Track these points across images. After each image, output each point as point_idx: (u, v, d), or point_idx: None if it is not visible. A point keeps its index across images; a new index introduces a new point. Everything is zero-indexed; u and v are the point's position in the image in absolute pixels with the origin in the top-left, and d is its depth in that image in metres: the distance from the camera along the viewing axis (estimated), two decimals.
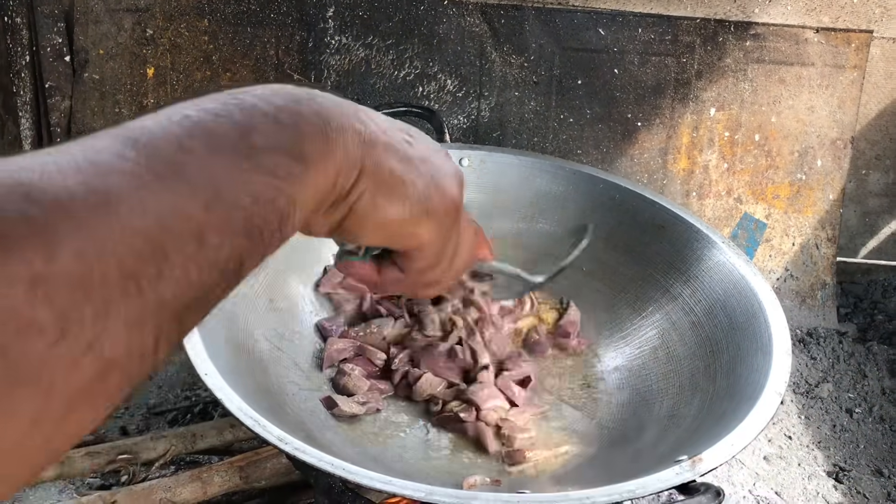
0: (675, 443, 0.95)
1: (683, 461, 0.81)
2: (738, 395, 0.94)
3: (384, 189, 0.49)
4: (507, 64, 1.55)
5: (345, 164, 0.45)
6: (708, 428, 0.92)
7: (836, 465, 1.37)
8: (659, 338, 1.15)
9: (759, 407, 0.88)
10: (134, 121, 0.39)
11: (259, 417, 0.81)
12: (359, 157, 0.46)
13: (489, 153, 1.31)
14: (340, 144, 0.44)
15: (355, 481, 0.75)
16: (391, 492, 0.74)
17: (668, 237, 1.21)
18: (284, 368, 1.05)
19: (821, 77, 1.60)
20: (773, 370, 0.93)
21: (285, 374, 1.04)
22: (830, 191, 1.66)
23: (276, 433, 0.79)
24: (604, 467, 0.98)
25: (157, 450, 1.15)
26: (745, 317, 1.05)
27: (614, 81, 1.57)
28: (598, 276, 1.25)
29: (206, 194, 0.36)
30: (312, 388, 1.06)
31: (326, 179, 0.44)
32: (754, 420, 0.87)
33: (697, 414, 0.99)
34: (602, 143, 1.59)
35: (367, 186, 0.47)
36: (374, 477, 0.75)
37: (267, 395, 0.96)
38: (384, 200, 0.49)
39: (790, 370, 0.94)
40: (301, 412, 0.99)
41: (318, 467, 0.76)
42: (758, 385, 0.92)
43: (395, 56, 1.52)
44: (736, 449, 0.83)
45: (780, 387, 0.91)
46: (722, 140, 1.61)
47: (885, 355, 1.62)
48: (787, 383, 0.92)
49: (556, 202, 1.30)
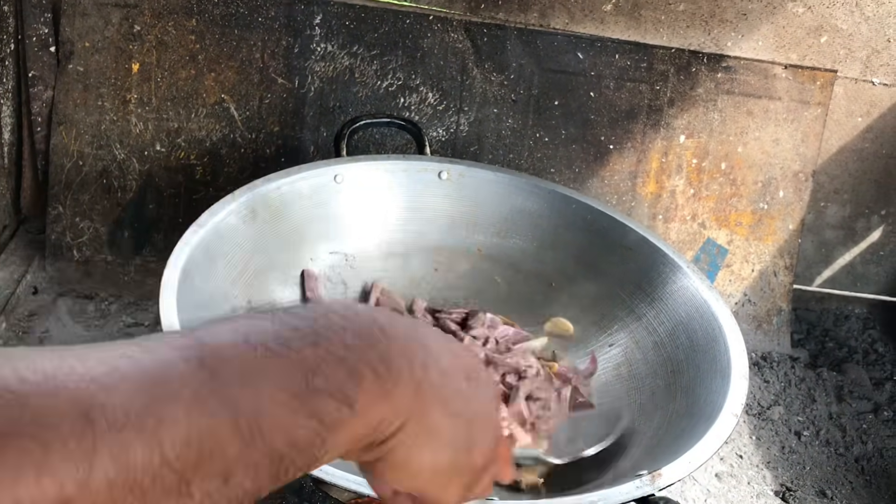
0: (635, 458, 0.99)
1: (644, 475, 0.85)
2: (697, 414, 0.99)
3: (423, 439, 0.44)
4: (487, 81, 1.59)
5: (391, 413, 0.42)
6: (667, 445, 0.97)
7: (784, 485, 1.43)
8: (622, 355, 1.20)
9: (717, 427, 0.93)
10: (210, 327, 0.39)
11: None
12: (408, 408, 0.43)
13: (468, 167, 1.35)
14: (394, 394, 0.42)
15: (331, 482, 0.78)
16: (366, 494, 0.77)
17: (635, 259, 1.26)
18: None
19: (787, 111, 1.67)
20: (731, 392, 0.98)
21: None
22: (790, 221, 1.72)
23: None
24: (569, 478, 1.02)
25: None
26: (705, 340, 1.10)
27: (590, 104, 1.62)
28: (567, 292, 1.30)
29: (248, 431, 0.36)
30: None
31: (367, 426, 0.41)
32: (711, 439, 0.92)
33: (657, 431, 1.04)
34: (575, 163, 1.64)
35: (409, 436, 0.43)
36: (350, 479, 0.78)
37: None
38: (420, 452, 0.45)
39: (746, 393, 0.99)
40: None
41: None
42: (715, 406, 0.97)
43: (378, 67, 1.56)
44: (693, 466, 0.88)
45: (737, 408, 0.96)
46: (690, 167, 1.67)
47: (833, 381, 1.69)
48: (743, 406, 0.97)
49: (530, 219, 1.34)
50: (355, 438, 0.41)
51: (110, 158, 1.54)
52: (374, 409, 0.41)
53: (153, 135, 1.53)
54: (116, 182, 1.55)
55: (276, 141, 1.56)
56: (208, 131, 1.54)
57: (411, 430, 0.43)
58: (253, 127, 1.55)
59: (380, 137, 1.59)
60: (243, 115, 1.54)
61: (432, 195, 1.34)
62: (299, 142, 1.56)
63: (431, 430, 0.45)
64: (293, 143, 1.56)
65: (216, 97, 1.53)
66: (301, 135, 1.56)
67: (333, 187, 1.28)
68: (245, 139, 1.55)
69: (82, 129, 1.52)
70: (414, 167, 1.33)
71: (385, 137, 1.59)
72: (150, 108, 1.53)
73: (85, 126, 1.52)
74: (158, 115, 1.53)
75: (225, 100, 1.53)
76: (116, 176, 1.54)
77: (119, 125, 1.53)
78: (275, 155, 1.55)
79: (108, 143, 1.53)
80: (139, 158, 1.54)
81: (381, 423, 0.42)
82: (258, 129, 1.55)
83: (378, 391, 0.41)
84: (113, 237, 1.56)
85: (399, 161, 1.33)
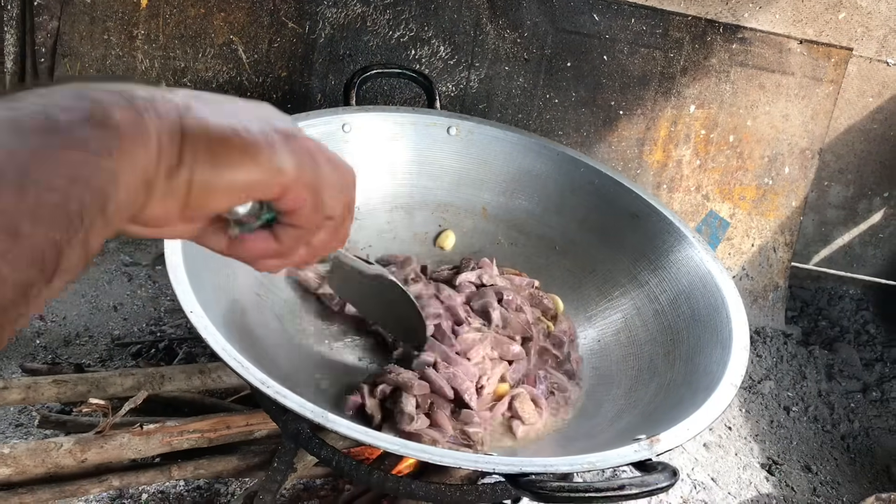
0: (631, 423, 1.00)
1: (642, 440, 0.86)
2: (696, 383, 0.99)
3: (217, 143, 0.45)
4: (500, 38, 1.57)
5: (163, 129, 0.43)
6: (664, 412, 0.97)
7: (770, 458, 1.45)
8: (622, 321, 1.20)
9: (716, 396, 0.93)
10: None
11: (242, 359, 0.83)
12: (177, 121, 0.44)
13: (477, 124, 1.33)
14: (153, 111, 0.42)
15: (336, 430, 0.78)
16: (371, 444, 0.77)
17: (641, 226, 1.25)
18: (263, 315, 1.07)
19: (799, 87, 1.66)
20: (731, 363, 0.98)
21: (265, 321, 1.06)
22: (794, 198, 1.72)
23: (258, 376, 0.81)
24: (560, 439, 1.03)
25: (124, 385, 1.16)
26: (707, 310, 1.10)
27: (602, 68, 1.61)
28: (570, 256, 1.30)
29: (14, 179, 0.34)
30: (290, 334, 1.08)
31: (147, 151, 0.42)
32: (710, 408, 0.92)
33: (654, 398, 1.04)
34: (583, 126, 1.63)
35: (199, 147, 0.45)
36: (354, 428, 0.78)
37: (247, 338, 0.98)
38: (222, 153, 0.46)
39: (746, 364, 1.00)
40: (279, 358, 1.01)
41: (299, 413, 0.78)
42: (715, 376, 0.97)
43: (391, 16, 1.53)
44: (691, 433, 0.88)
45: (737, 379, 0.96)
46: (698, 137, 1.66)
47: (824, 360, 1.70)
48: (742, 376, 0.98)
49: (536, 180, 1.33)
50: (140, 166, 0.41)
51: None
52: (139, 130, 0.41)
53: (159, 73, 1.51)
54: None
55: (284, 86, 1.54)
56: (215, 72, 1.52)
57: (197, 138, 0.44)
58: (260, 70, 1.52)
59: (388, 90, 1.57)
60: (251, 58, 1.51)
61: (440, 150, 1.33)
62: (307, 88, 1.54)
63: (215, 129, 0.45)
64: (300, 90, 1.54)
65: (224, 38, 1.51)
66: (309, 81, 1.54)
67: (341, 136, 1.26)
68: (252, 83, 1.53)
69: (87, 62, 1.49)
70: (423, 121, 1.32)
71: (394, 90, 1.57)
72: (157, 46, 1.50)
73: (90, 60, 1.49)
74: (165, 52, 1.50)
75: (233, 41, 1.51)
76: None
77: (124, 61, 1.50)
78: (281, 100, 1.53)
79: None
80: None
81: (159, 143, 0.42)
82: (266, 73, 1.53)
83: (132, 110, 0.41)
84: None
85: (408, 114, 1.31)
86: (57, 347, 1.33)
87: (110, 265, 1.50)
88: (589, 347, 1.19)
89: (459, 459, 0.78)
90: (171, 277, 0.90)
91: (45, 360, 1.30)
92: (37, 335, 1.35)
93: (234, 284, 1.04)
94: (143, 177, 0.42)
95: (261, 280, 1.10)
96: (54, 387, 1.12)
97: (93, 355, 1.33)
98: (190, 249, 0.93)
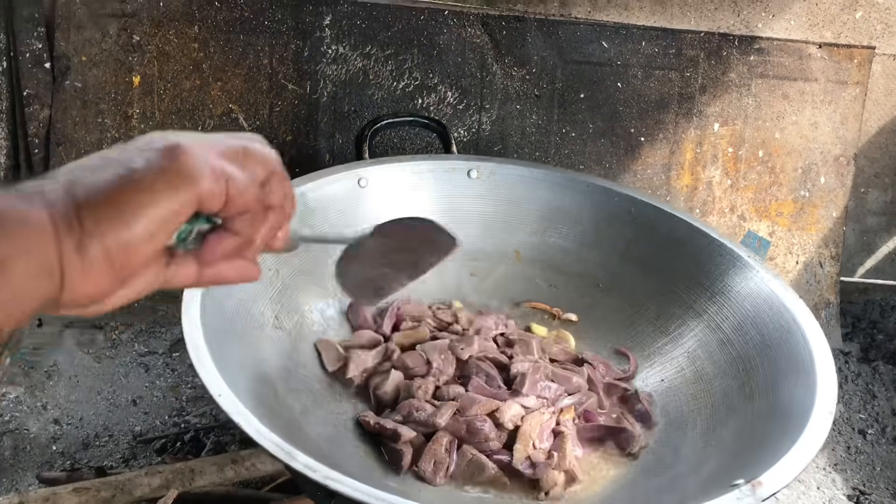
0: (718, 468, 0.89)
1: (741, 485, 0.75)
2: (784, 415, 0.89)
3: (112, 198, 0.45)
4: (508, 76, 1.51)
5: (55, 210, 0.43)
6: (754, 451, 0.87)
7: (856, 488, 1.33)
8: (685, 357, 1.10)
9: (812, 427, 0.83)
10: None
11: (282, 442, 0.73)
12: (66, 198, 0.44)
13: (499, 164, 1.26)
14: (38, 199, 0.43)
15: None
16: None
17: (689, 252, 1.16)
18: (295, 391, 0.97)
19: (824, 93, 1.58)
20: (819, 388, 0.88)
21: (298, 397, 0.96)
22: (833, 208, 1.63)
23: (302, 460, 0.71)
24: (642, 493, 0.92)
25: (152, 485, 1.06)
26: (778, 333, 1.00)
27: (617, 95, 1.54)
28: (616, 293, 1.20)
29: None
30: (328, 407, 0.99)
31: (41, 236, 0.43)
32: (808, 440, 0.82)
33: (737, 436, 0.94)
34: (605, 157, 1.55)
35: (98, 211, 0.45)
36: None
37: (279, 417, 0.88)
38: (121, 205, 0.45)
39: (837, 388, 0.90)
40: (318, 437, 0.91)
41: (353, 497, 0.68)
42: (804, 404, 0.87)
43: (394, 66, 1.47)
44: (795, 471, 0.78)
45: (831, 406, 0.87)
46: (726, 156, 1.58)
47: (890, 375, 1.59)
48: (835, 402, 0.88)
49: (569, 216, 1.25)
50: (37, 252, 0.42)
51: None
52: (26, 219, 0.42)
53: None
54: None
55: (290, 150, 1.47)
56: None
57: (91, 200, 0.44)
58: (264, 137, 1.45)
59: (398, 142, 1.50)
60: (253, 125, 1.45)
61: (462, 196, 1.25)
62: (314, 150, 1.47)
63: (103, 180, 0.45)
64: (308, 152, 1.47)
65: (223, 107, 1.44)
66: (315, 143, 1.47)
67: (358, 192, 1.18)
68: None
69: (83, 148, 1.43)
70: (441, 167, 1.24)
71: (405, 141, 1.50)
72: (154, 123, 1.44)
73: (85, 145, 1.43)
74: (163, 129, 1.43)
75: (233, 109, 1.44)
76: None
77: (122, 142, 1.43)
78: (289, 165, 1.44)
79: None
80: None
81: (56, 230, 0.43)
82: (270, 139, 1.44)
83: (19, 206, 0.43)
84: None
85: (426, 161, 1.24)
86: (75, 452, 1.24)
87: (125, 357, 1.41)
88: (653, 389, 1.09)
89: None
90: (192, 358, 0.81)
91: (63, 468, 1.20)
92: (53, 441, 1.25)
93: (260, 358, 0.95)
94: (42, 262, 0.42)
95: (289, 352, 1.01)
96: (75, 496, 1.02)
97: (115, 456, 1.23)
98: (211, 324, 0.85)
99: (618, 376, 1.10)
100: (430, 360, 1.04)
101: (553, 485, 0.92)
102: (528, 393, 1.00)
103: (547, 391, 1.02)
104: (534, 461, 0.93)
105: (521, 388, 1.01)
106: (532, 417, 0.97)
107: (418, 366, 1.04)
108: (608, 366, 1.11)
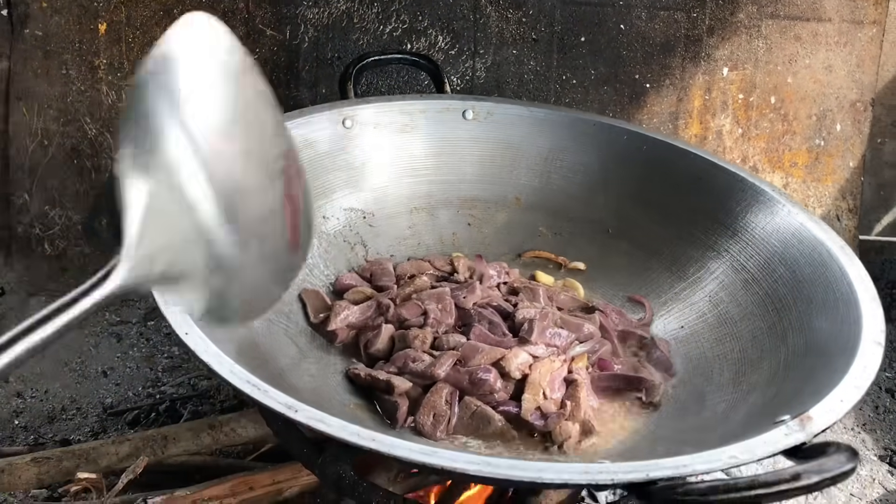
0: (755, 408, 0.80)
1: (788, 420, 0.66)
2: (827, 348, 0.79)
3: None
4: (503, 19, 1.40)
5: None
6: (796, 388, 0.77)
7: (887, 448, 1.23)
8: (707, 301, 1.00)
9: (861, 358, 0.74)
10: None
11: (258, 381, 0.63)
12: None
13: (497, 104, 1.16)
14: None
15: (392, 454, 0.58)
16: (439, 465, 0.57)
17: (706, 189, 1.06)
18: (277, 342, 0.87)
19: (838, 34, 1.49)
20: (866, 318, 0.79)
21: (280, 348, 0.86)
22: (850, 157, 1.54)
23: (282, 399, 0.61)
24: (666, 444, 0.82)
25: (119, 454, 0.95)
26: (812, 268, 0.91)
27: (620, 38, 1.44)
28: (627, 238, 1.11)
29: None
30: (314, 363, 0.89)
31: None
32: (857, 372, 0.72)
33: (772, 377, 0.84)
34: (608, 106, 1.45)
35: None
36: (414, 448, 0.59)
37: (264, 368, 0.78)
38: None
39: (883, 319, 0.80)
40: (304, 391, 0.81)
41: (347, 440, 0.58)
42: (850, 336, 0.78)
43: (379, 9, 1.37)
44: (847, 405, 0.69)
45: (879, 336, 0.77)
46: (736, 103, 1.48)
47: None
48: (883, 332, 0.78)
49: (575, 157, 1.15)
50: None
51: (80, 135, 1.34)
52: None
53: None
54: (89, 162, 1.35)
55: None
56: None
57: None
58: None
59: (386, 89, 1.40)
60: None
61: (458, 139, 1.15)
62: (295, 101, 1.37)
63: None
64: (288, 103, 1.36)
65: None
66: (297, 93, 1.37)
67: (343, 133, 1.08)
68: None
69: (45, 102, 1.32)
70: (434, 107, 1.14)
71: (392, 88, 1.40)
72: (123, 74, 1.33)
73: (48, 99, 1.32)
74: (133, 81, 1.33)
75: None
76: (89, 155, 1.34)
77: (88, 96, 1.33)
78: None
79: (76, 118, 1.33)
80: (114, 133, 1.34)
81: None
82: None
83: None
84: (89, 226, 1.36)
85: (417, 101, 1.14)
86: (40, 426, 1.13)
87: (95, 327, 1.30)
88: (672, 336, 0.99)
89: (567, 472, 0.58)
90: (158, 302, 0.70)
91: (26, 442, 1.09)
92: (15, 414, 1.14)
93: None
94: None
95: None
96: (34, 466, 0.92)
97: (83, 429, 1.13)
98: None
99: (633, 324, 1.00)
100: (427, 310, 0.94)
101: (566, 437, 0.82)
102: (537, 341, 0.90)
103: (557, 338, 0.92)
104: (545, 412, 0.83)
105: (528, 336, 0.91)
106: (541, 365, 0.87)
107: (414, 316, 0.94)
108: (621, 313, 1.01)
